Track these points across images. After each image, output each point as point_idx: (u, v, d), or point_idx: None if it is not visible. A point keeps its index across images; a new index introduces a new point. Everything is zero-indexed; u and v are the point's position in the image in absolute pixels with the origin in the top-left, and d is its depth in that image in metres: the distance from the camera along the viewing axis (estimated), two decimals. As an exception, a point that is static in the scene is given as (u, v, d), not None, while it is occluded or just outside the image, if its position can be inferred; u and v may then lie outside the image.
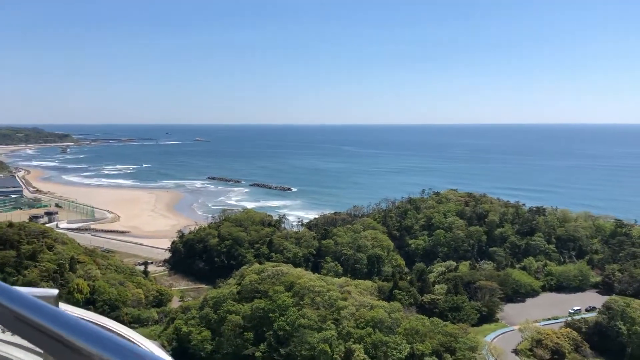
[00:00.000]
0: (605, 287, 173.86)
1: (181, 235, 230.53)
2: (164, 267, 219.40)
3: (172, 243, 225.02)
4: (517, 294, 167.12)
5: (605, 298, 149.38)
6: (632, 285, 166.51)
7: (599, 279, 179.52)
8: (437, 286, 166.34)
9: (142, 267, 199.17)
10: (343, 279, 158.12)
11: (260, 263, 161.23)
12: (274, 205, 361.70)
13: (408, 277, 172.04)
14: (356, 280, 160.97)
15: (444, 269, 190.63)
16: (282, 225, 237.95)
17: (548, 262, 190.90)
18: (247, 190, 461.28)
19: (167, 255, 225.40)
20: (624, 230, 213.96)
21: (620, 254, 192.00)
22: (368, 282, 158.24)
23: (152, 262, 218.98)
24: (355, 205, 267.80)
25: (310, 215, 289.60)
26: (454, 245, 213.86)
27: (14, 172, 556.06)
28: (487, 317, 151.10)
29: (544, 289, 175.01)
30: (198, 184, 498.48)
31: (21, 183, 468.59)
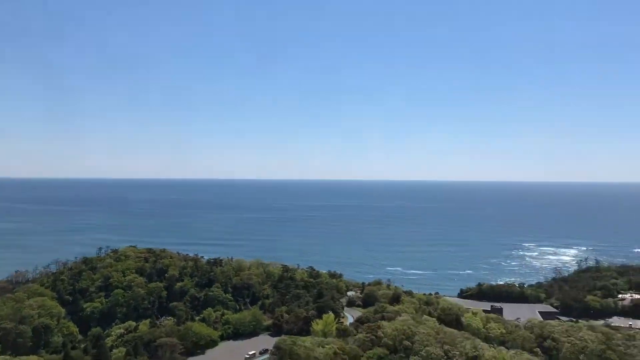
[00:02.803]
0: (275, 329, 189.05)
1: None
2: None
3: None
4: (197, 347, 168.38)
5: (276, 339, 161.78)
6: (297, 324, 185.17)
7: (270, 322, 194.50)
8: (115, 350, 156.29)
9: None
10: (1, 357, 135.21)
11: None
12: None
13: (82, 345, 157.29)
14: (18, 357, 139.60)
15: (122, 330, 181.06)
16: None
17: (226, 311, 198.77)
18: None
19: None
20: (290, 275, 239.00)
21: (287, 297, 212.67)
22: (33, 357, 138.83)
23: None
24: (17, 270, 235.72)
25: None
26: (134, 304, 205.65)
27: None
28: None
29: (222, 338, 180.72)
30: None
31: None
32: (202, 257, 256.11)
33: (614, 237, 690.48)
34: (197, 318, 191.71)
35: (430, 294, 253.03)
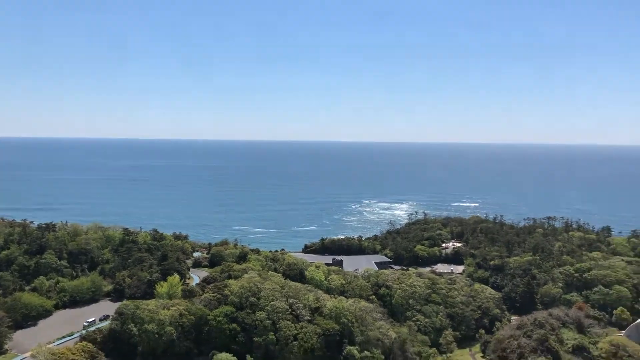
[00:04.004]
0: (117, 294, 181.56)
1: None
2: None
3: None
4: (28, 318, 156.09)
5: (118, 304, 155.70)
6: (141, 287, 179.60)
7: (110, 287, 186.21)
8: None
9: None
10: None
11: None
12: None
13: None
14: None
15: None
16: None
17: (60, 278, 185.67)
18: None
19: None
20: (132, 238, 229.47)
21: (129, 260, 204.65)
22: None
23: None
24: None
25: None
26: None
27: None
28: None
29: (58, 307, 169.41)
30: None
31: None
32: (32, 222, 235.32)
33: (440, 192, 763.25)
34: (27, 288, 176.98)
35: (277, 251, 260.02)
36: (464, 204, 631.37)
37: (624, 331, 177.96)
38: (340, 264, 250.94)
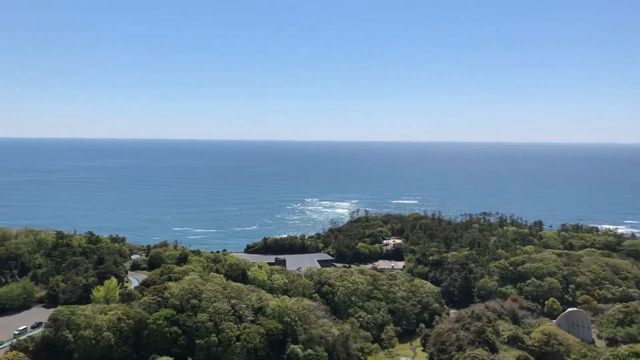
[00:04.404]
0: (50, 300, 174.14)
1: None
2: None
3: None
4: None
5: (52, 310, 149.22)
6: (76, 292, 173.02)
7: (43, 293, 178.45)
8: None
9: None
10: None
11: None
12: None
13: None
14: None
15: None
16: None
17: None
18: None
19: None
20: (66, 241, 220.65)
21: (63, 265, 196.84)
22: None
23: None
24: None
25: None
26: None
27: None
28: None
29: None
30: None
31: None
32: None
33: (380, 190, 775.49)
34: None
35: (218, 252, 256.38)
36: (404, 201, 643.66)
37: (554, 321, 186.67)
38: (283, 263, 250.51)
